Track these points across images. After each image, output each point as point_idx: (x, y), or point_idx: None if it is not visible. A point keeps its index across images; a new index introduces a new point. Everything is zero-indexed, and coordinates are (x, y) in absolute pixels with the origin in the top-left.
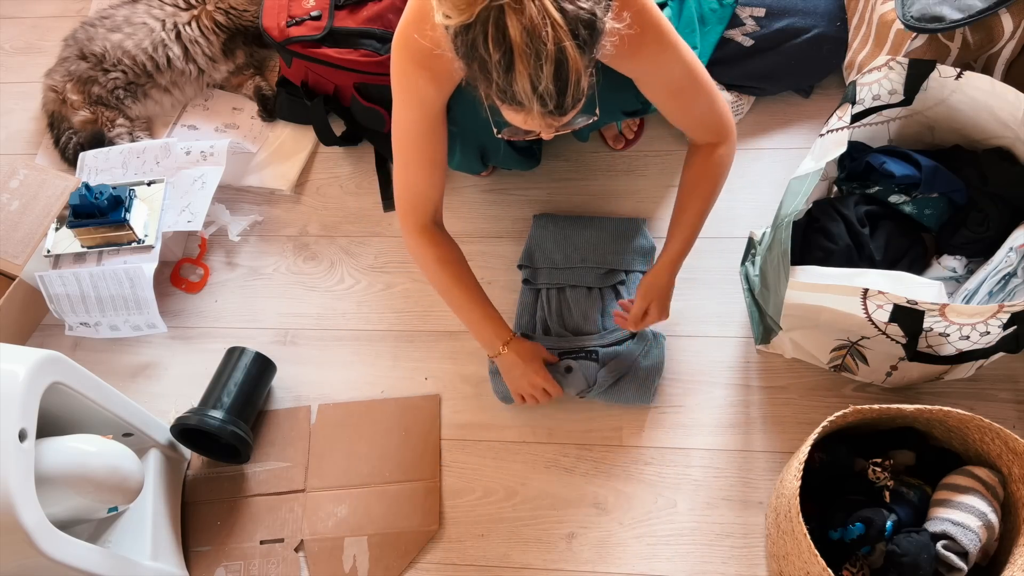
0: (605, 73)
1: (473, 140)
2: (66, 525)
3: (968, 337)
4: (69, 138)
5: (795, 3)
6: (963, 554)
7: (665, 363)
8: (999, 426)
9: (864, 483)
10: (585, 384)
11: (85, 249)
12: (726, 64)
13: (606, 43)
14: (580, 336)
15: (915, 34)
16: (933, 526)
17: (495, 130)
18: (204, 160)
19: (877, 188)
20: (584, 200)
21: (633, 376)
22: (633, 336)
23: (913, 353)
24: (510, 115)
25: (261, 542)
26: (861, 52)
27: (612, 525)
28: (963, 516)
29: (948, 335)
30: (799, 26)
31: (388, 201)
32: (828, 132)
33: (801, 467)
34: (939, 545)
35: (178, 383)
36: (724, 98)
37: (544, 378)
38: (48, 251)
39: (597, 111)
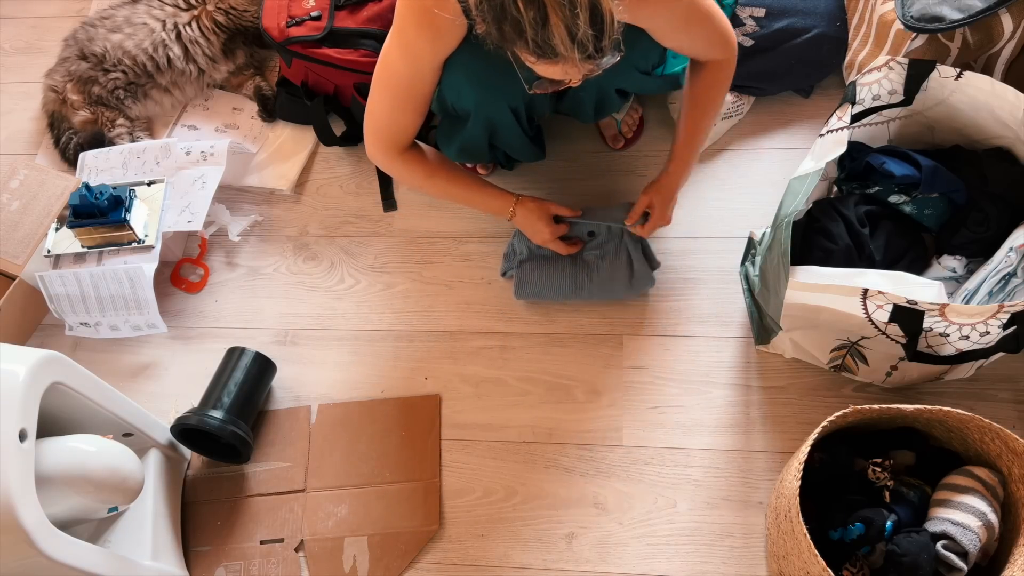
0: None
1: (483, 119)
2: (66, 525)
3: (968, 337)
4: (69, 138)
5: (795, 3)
6: (963, 554)
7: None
8: (999, 426)
9: (864, 483)
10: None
11: (85, 249)
12: None
13: None
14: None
15: (915, 34)
16: (933, 526)
17: (526, 87)
18: (204, 160)
19: (877, 188)
20: (584, 200)
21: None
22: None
23: (913, 353)
24: (545, 68)
25: (261, 542)
26: (861, 52)
27: (612, 525)
28: (963, 516)
29: (948, 335)
30: (799, 26)
31: (388, 201)
32: (828, 132)
33: (801, 467)
34: (939, 545)
35: (178, 383)
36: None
37: (551, 232)
38: (48, 251)
39: (623, 47)
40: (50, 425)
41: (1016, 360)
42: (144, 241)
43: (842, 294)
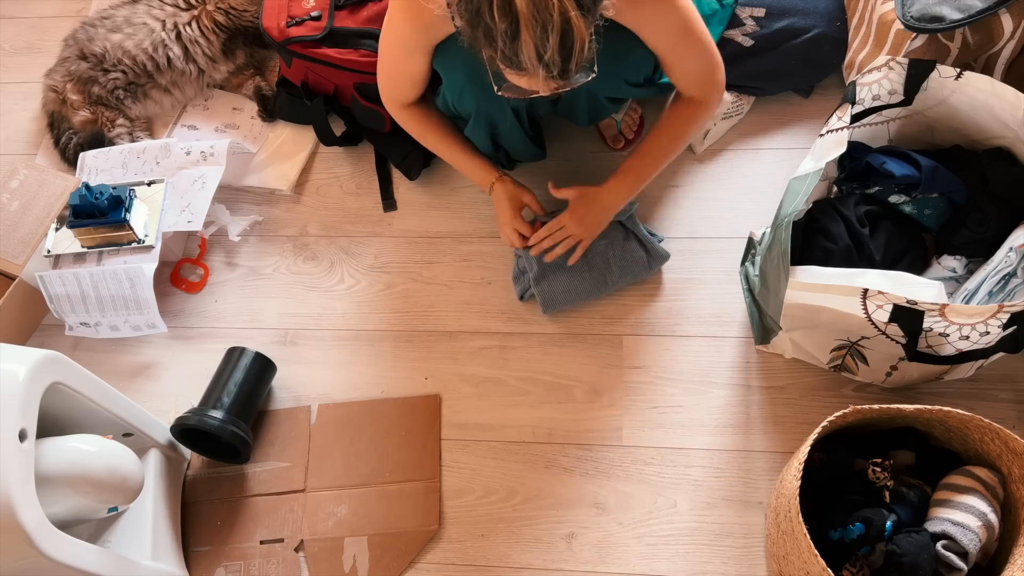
0: (607, 41)
1: (484, 119)
2: (66, 525)
3: (968, 337)
4: (69, 138)
5: (795, 3)
6: (963, 554)
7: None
8: (999, 426)
9: (864, 483)
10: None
11: (85, 249)
12: (726, 64)
13: (608, 4)
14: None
15: (915, 34)
16: (933, 526)
17: (495, 88)
18: (204, 160)
19: (877, 188)
20: None
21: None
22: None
23: (913, 353)
24: (513, 76)
25: (261, 542)
26: (861, 52)
27: (612, 525)
28: (963, 516)
29: (948, 335)
30: (799, 26)
31: (388, 201)
32: (828, 132)
33: (801, 467)
34: (939, 545)
35: (178, 383)
36: (725, 99)
37: (511, 219)
38: (48, 251)
39: (596, 68)
40: (50, 425)
41: (1016, 360)
42: (144, 241)
43: (842, 294)
